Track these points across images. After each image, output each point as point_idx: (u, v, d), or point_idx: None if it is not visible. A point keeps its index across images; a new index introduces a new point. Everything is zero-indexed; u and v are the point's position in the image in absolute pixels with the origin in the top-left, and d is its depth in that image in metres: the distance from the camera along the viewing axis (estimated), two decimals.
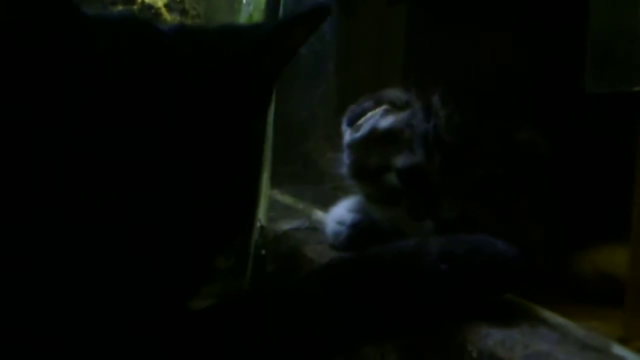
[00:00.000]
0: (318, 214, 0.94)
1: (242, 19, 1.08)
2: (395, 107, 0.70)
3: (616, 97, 0.59)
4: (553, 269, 0.67)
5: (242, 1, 1.08)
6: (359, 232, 0.75)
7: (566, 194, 0.70)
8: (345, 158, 0.74)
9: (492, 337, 0.52)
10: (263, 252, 0.88)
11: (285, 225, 0.90)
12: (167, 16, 1.14)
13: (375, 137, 0.70)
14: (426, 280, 0.53)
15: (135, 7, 1.12)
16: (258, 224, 0.87)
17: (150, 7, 1.12)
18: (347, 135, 0.74)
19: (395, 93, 0.73)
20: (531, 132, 0.67)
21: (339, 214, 0.78)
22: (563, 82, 0.71)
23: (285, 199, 1.05)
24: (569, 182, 0.70)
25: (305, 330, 0.50)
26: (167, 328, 0.48)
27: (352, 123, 0.72)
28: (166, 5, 1.15)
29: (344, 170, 0.75)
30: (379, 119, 0.70)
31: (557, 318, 0.57)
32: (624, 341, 0.53)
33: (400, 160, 0.67)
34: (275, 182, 1.05)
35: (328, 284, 0.52)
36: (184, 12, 1.19)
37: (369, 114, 0.71)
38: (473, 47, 0.88)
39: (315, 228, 0.87)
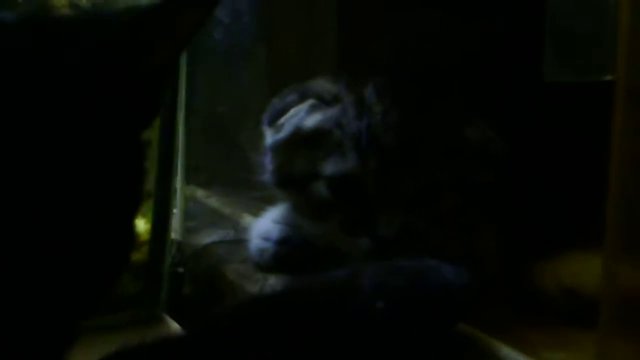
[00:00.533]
0: (247, 220, 0.84)
1: None
2: (323, 101, 0.62)
3: (581, 87, 0.51)
4: (511, 284, 0.62)
5: None
6: (287, 250, 0.67)
7: (524, 197, 0.63)
8: (268, 163, 0.65)
9: None
10: (181, 270, 0.78)
11: (207, 238, 0.80)
12: None
13: (300, 139, 0.62)
14: (359, 324, 0.46)
15: None
16: (173, 237, 0.76)
17: None
18: (269, 136, 0.64)
19: (323, 85, 0.64)
20: (483, 127, 0.59)
21: (265, 227, 0.69)
22: (519, 68, 0.64)
23: (212, 201, 0.95)
24: (528, 183, 0.63)
25: None
26: None
27: (273, 121, 0.63)
28: None
29: (267, 177, 0.66)
30: (303, 116, 0.61)
31: (517, 356, 0.51)
32: None
33: (330, 167, 0.60)
34: (200, 182, 0.96)
35: (249, 329, 0.46)
36: None
37: (292, 111, 0.62)
38: (414, 25, 0.80)
39: (241, 240, 0.77)
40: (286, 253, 0.67)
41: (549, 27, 0.51)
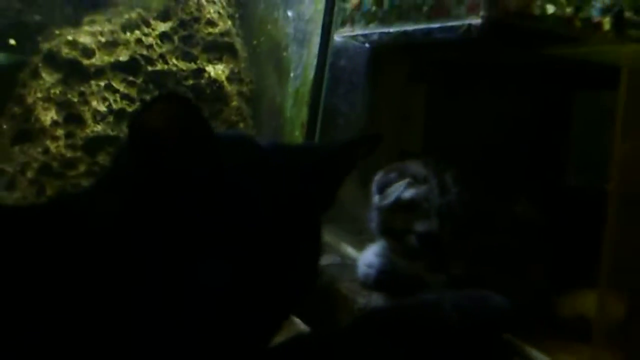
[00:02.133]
0: (347, 249, 1.02)
1: (291, 89, 1.20)
2: (416, 180, 0.80)
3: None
4: (543, 312, 0.76)
5: (290, 74, 1.20)
6: (385, 276, 0.85)
7: (555, 249, 0.80)
8: (375, 217, 0.84)
9: None
10: None
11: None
12: (228, 87, 1.27)
13: (400, 205, 0.79)
14: (442, 327, 0.64)
15: (202, 81, 1.26)
16: None
17: (215, 80, 1.26)
18: (376, 199, 0.83)
19: (416, 168, 0.83)
20: (526, 204, 0.78)
21: (369, 258, 0.88)
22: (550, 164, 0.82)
23: None
24: (556, 241, 0.79)
25: None
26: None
27: (381, 191, 0.82)
28: (227, 78, 1.28)
29: (373, 226, 0.85)
30: (403, 190, 0.80)
31: (539, 355, 0.69)
32: None
33: (420, 226, 0.77)
34: None
35: (369, 331, 0.63)
36: (241, 81, 1.33)
37: (395, 185, 0.81)
38: (480, 120, 0.98)
39: (346, 264, 0.95)
40: (385, 279, 0.83)
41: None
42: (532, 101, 0.91)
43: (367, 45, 1.08)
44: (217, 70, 1.27)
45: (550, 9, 0.80)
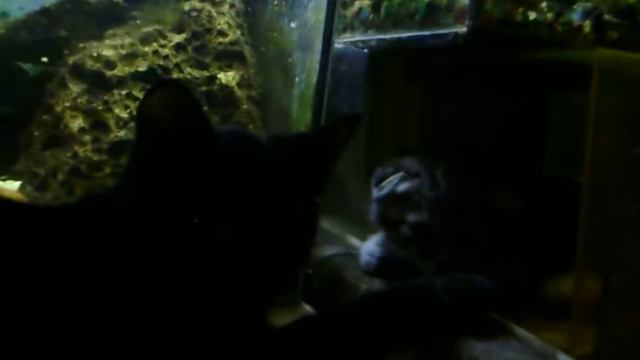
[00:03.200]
0: (352, 239, 1.06)
1: (296, 93, 1.25)
2: (409, 175, 0.84)
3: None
4: (529, 294, 0.79)
5: (295, 79, 1.25)
6: (384, 264, 0.89)
7: (536, 236, 0.83)
8: (373, 209, 0.89)
9: (478, 347, 0.68)
10: (310, 271, 1.00)
11: (327, 251, 1.00)
12: (238, 92, 1.32)
13: (394, 197, 0.84)
14: (434, 308, 0.68)
15: (215, 87, 1.31)
16: None
17: (226, 86, 1.31)
18: (374, 192, 0.87)
19: (410, 163, 0.87)
20: (507, 194, 0.81)
21: (370, 248, 0.92)
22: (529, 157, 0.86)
23: (324, 224, 1.05)
24: (538, 227, 0.83)
25: (354, 342, 0.64)
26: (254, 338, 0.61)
27: (377, 184, 0.87)
28: (238, 84, 1.33)
29: (372, 217, 0.89)
30: (397, 183, 0.84)
31: (524, 332, 0.72)
32: (568, 350, 0.67)
33: (412, 217, 0.81)
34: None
35: (369, 311, 0.67)
36: (250, 86, 1.38)
37: (390, 178, 0.85)
38: (468, 118, 1.02)
39: (350, 254, 0.99)
40: (384, 266, 0.88)
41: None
42: (514, 100, 0.95)
43: (365, 50, 1.12)
44: (227, 76, 1.32)
45: (532, 15, 0.83)
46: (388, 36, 0.96)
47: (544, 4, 0.83)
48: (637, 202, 0.61)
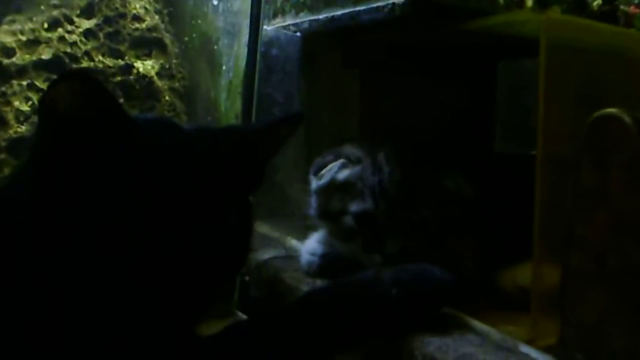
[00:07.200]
0: (292, 242, 1.03)
1: (223, 82, 1.19)
2: (350, 161, 0.81)
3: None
4: (482, 285, 0.77)
5: (222, 67, 1.19)
6: (327, 262, 0.84)
7: (490, 223, 0.81)
8: (313, 202, 0.84)
9: (432, 344, 0.65)
10: (247, 278, 0.97)
11: (265, 255, 0.97)
12: (158, 83, 1.25)
13: (335, 186, 0.80)
14: (382, 303, 0.64)
15: (131, 77, 1.23)
16: None
17: (144, 76, 1.24)
18: (313, 183, 0.83)
19: (350, 149, 0.83)
20: (456, 177, 0.78)
21: (311, 246, 0.87)
22: (478, 136, 0.84)
23: (262, 228, 1.09)
24: (491, 214, 0.80)
25: (292, 346, 0.61)
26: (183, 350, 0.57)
27: (316, 173, 0.82)
28: (157, 74, 1.26)
29: (312, 211, 0.85)
30: (337, 171, 0.80)
31: (481, 325, 0.69)
32: (530, 341, 0.65)
33: (354, 206, 0.77)
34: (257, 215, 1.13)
35: (310, 310, 0.63)
36: (172, 77, 1.31)
37: (330, 166, 0.81)
38: (411, 100, 1.00)
39: (291, 256, 0.95)
40: (327, 264, 0.83)
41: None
42: (459, 77, 0.93)
43: (298, 34, 1.08)
44: (146, 66, 1.25)
45: None
46: (321, 16, 0.94)
47: None
48: (597, 170, 0.58)
